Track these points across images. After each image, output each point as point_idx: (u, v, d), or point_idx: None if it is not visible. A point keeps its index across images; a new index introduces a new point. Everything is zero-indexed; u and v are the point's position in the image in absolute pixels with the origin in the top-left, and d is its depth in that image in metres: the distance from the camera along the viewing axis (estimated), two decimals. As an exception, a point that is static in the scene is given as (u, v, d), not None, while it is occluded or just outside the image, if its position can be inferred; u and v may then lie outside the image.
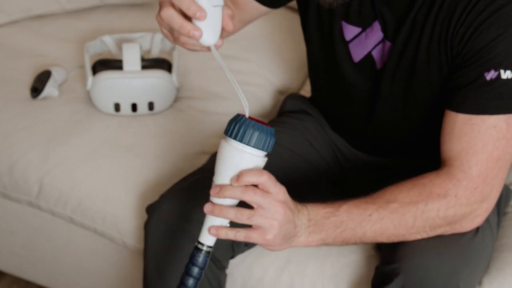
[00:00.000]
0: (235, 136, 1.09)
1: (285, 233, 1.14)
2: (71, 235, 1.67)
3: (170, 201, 1.38)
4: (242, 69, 1.87)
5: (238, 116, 1.10)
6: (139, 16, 2.06)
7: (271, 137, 1.10)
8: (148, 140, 1.68)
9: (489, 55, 1.18)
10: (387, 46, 1.32)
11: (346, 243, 1.23)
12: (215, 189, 1.10)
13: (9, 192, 1.68)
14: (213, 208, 1.11)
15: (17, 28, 2.00)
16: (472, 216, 1.26)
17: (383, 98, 1.36)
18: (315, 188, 1.48)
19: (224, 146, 1.10)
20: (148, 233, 1.39)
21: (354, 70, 1.38)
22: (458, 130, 1.23)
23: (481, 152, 1.21)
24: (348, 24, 1.35)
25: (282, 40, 1.96)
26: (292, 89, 1.89)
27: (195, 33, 1.07)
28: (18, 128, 1.70)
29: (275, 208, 1.11)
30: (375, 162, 1.49)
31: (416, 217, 1.23)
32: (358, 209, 1.21)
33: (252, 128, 1.08)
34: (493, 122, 1.21)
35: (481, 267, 1.34)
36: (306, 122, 1.54)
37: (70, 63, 1.87)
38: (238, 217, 1.11)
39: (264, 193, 1.10)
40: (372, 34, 1.33)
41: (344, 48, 1.37)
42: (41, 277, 1.82)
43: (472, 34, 1.19)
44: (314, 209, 1.19)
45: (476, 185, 1.22)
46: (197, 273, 1.14)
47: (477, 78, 1.20)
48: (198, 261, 1.13)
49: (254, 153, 1.09)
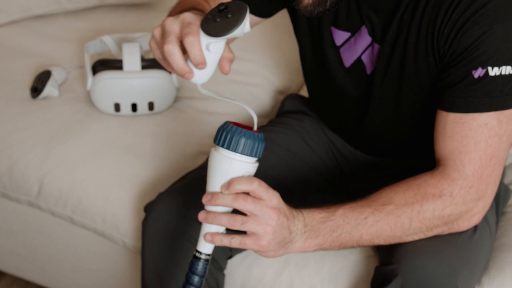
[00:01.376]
0: (222, 144, 1.09)
1: (280, 239, 1.14)
2: (71, 235, 1.67)
3: (167, 199, 1.38)
4: (242, 69, 1.87)
5: (226, 124, 1.10)
6: (139, 16, 2.06)
7: (260, 142, 1.10)
8: (148, 140, 1.68)
9: (475, 53, 1.18)
10: (376, 49, 1.32)
11: (343, 247, 1.23)
12: (207, 197, 1.11)
13: (9, 192, 1.68)
14: (207, 215, 1.12)
15: (17, 28, 2.00)
16: (469, 215, 1.26)
17: (374, 100, 1.36)
18: (313, 188, 1.48)
19: (214, 155, 1.11)
20: (146, 231, 1.39)
21: (346, 75, 1.38)
22: (449, 129, 1.23)
23: (474, 150, 1.21)
24: (337, 30, 1.35)
25: (282, 40, 1.96)
26: (292, 89, 1.89)
27: (189, 75, 1.09)
28: (18, 128, 1.70)
29: (268, 214, 1.11)
30: (373, 161, 1.49)
31: (412, 218, 1.23)
32: (354, 212, 1.21)
33: (239, 135, 1.08)
34: (484, 119, 1.20)
35: (480, 267, 1.34)
36: (304, 122, 1.54)
37: (70, 63, 1.87)
38: (232, 224, 1.11)
39: (255, 200, 1.10)
40: (361, 38, 1.33)
41: (335, 53, 1.37)
42: (41, 277, 1.82)
43: (457, 33, 1.19)
44: (309, 215, 1.19)
45: (471, 183, 1.22)
46: (197, 282, 1.15)
47: (465, 76, 1.20)
48: (198, 269, 1.14)
49: (243, 160, 1.09)
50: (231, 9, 1.07)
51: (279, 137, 1.51)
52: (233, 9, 1.07)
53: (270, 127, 1.55)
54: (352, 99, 1.40)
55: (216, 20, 1.06)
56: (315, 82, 1.48)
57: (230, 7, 1.07)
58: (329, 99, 1.46)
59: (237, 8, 1.06)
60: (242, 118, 1.74)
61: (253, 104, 1.80)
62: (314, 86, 1.50)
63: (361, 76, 1.36)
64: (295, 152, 1.49)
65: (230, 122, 1.11)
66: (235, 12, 1.06)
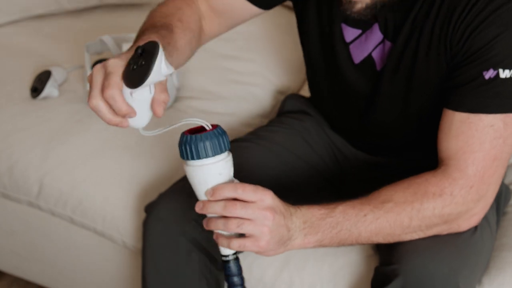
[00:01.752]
0: (188, 157, 1.09)
1: (279, 238, 1.14)
2: (71, 235, 1.67)
3: (168, 200, 1.38)
4: (242, 69, 1.87)
5: (182, 137, 1.10)
6: (139, 16, 2.05)
7: (221, 137, 1.09)
8: (148, 140, 1.68)
9: (488, 54, 1.18)
10: (387, 46, 1.32)
11: (342, 244, 1.23)
12: (199, 206, 1.12)
13: (9, 192, 1.68)
14: (207, 221, 1.13)
15: (17, 28, 2.00)
16: (468, 215, 1.26)
17: (383, 98, 1.36)
18: (313, 188, 1.48)
19: (187, 170, 1.11)
20: (146, 232, 1.39)
21: (355, 71, 1.38)
22: (455, 128, 1.23)
23: (478, 150, 1.21)
24: (348, 26, 1.35)
25: (282, 40, 1.96)
26: (292, 89, 1.89)
27: (123, 125, 1.07)
28: (18, 128, 1.70)
29: (262, 215, 1.11)
30: (374, 161, 1.49)
31: (412, 217, 1.23)
32: (354, 209, 1.21)
33: (199, 142, 1.08)
34: (490, 121, 1.21)
35: (481, 267, 1.34)
36: (305, 122, 1.54)
37: (70, 63, 1.87)
38: (228, 227, 1.11)
39: (245, 205, 1.10)
40: (372, 35, 1.33)
41: (344, 50, 1.37)
42: (41, 277, 1.82)
43: (472, 33, 1.19)
44: (309, 211, 1.19)
45: (472, 183, 1.22)
46: (238, 280, 1.16)
47: (476, 77, 1.20)
48: (232, 270, 1.15)
49: (214, 161, 1.09)
50: (145, 53, 1.02)
51: (279, 137, 1.51)
52: (146, 53, 1.02)
53: (270, 127, 1.55)
54: (360, 96, 1.40)
55: (133, 68, 1.03)
56: (320, 79, 1.47)
57: (145, 51, 1.02)
58: (335, 96, 1.46)
59: (149, 51, 1.02)
60: (242, 117, 1.74)
61: (253, 104, 1.80)
62: (319, 83, 1.49)
63: (370, 73, 1.36)
64: (295, 152, 1.49)
65: (185, 132, 1.10)
66: (147, 56, 1.02)
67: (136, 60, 1.03)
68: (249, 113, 1.78)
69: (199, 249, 1.36)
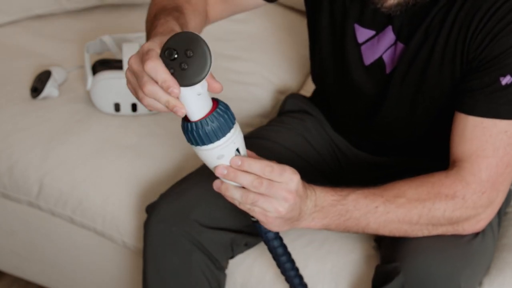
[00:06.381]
0: (199, 143, 1.06)
1: (288, 217, 1.15)
2: (71, 235, 1.67)
3: (169, 201, 1.38)
4: (242, 69, 1.87)
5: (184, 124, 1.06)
6: (139, 16, 2.06)
7: (226, 112, 1.06)
8: (148, 140, 1.68)
9: (507, 61, 1.18)
10: (399, 48, 1.31)
11: (347, 231, 1.24)
12: (221, 170, 1.09)
13: (9, 192, 1.68)
14: (221, 185, 1.12)
15: (17, 28, 2.00)
16: (475, 220, 1.26)
17: (390, 100, 1.36)
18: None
19: (201, 154, 1.08)
20: (148, 232, 1.39)
21: (364, 73, 1.37)
22: (469, 132, 1.22)
23: (492, 156, 1.21)
24: (361, 27, 1.34)
25: (282, 40, 1.96)
26: (292, 89, 1.89)
27: (179, 110, 1.04)
28: (18, 128, 1.70)
29: (283, 196, 1.11)
30: (376, 161, 1.49)
31: (421, 215, 1.23)
32: (366, 199, 1.21)
33: (206, 126, 1.04)
34: (504, 126, 1.21)
35: (482, 268, 1.34)
36: (306, 122, 1.54)
37: (70, 63, 1.87)
38: (245, 200, 1.11)
39: (270, 184, 1.10)
40: (384, 37, 1.32)
41: (356, 51, 1.36)
42: (41, 277, 1.82)
43: (491, 40, 1.19)
44: (322, 195, 1.19)
45: (485, 189, 1.22)
46: (273, 234, 1.18)
47: (492, 82, 1.20)
48: (263, 228, 1.17)
49: (226, 139, 1.06)
50: (187, 44, 0.99)
51: (280, 136, 1.51)
52: (188, 44, 0.99)
53: (271, 126, 1.55)
54: (367, 97, 1.40)
55: (182, 66, 0.99)
56: (327, 78, 1.46)
57: (185, 42, 0.99)
58: (341, 95, 1.45)
59: (190, 41, 0.99)
60: (242, 117, 1.74)
61: (253, 104, 1.80)
62: (326, 81, 1.48)
63: (380, 75, 1.36)
64: (296, 151, 1.49)
65: (185, 119, 1.06)
66: (194, 46, 0.98)
67: (181, 58, 0.99)
68: (249, 113, 1.78)
69: (200, 250, 1.36)
